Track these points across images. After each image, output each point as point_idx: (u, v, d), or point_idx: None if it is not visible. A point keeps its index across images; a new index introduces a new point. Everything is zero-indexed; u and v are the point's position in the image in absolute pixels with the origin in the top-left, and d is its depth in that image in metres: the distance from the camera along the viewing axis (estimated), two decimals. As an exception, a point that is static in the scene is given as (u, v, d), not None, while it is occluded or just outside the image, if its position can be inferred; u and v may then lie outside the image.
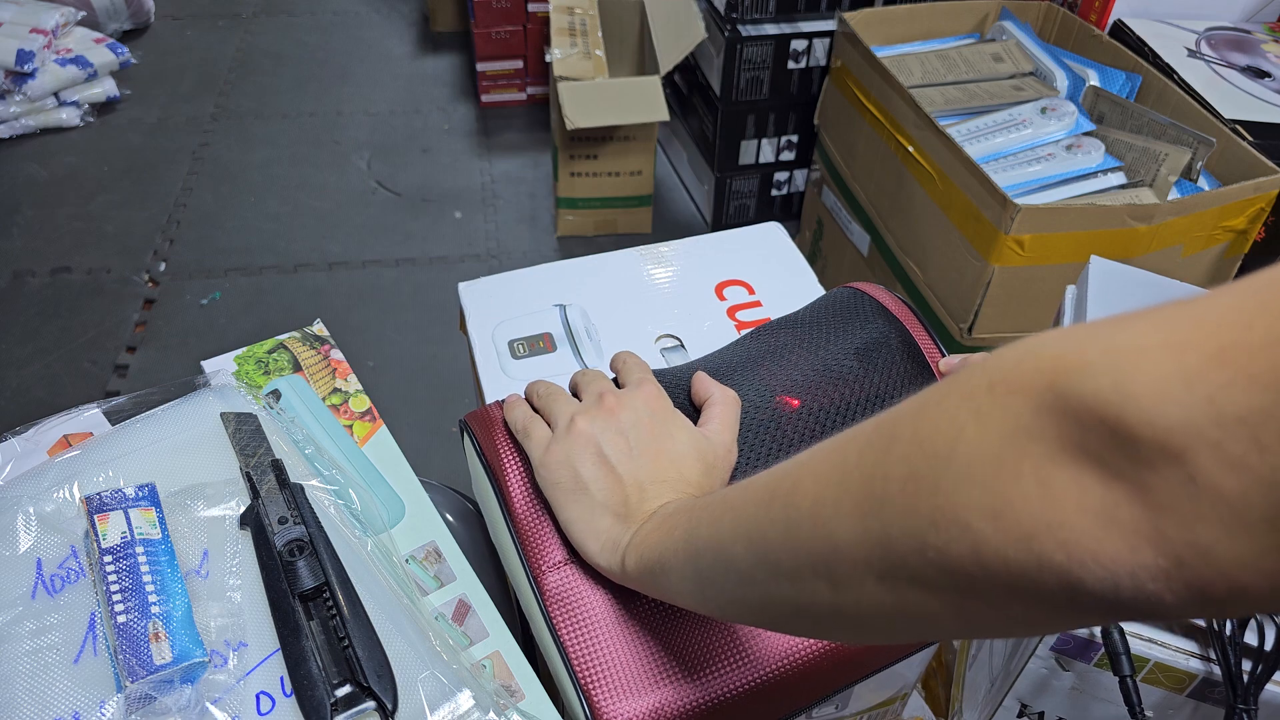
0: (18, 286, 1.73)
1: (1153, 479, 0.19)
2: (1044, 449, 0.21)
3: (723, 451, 0.45)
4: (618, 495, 0.41)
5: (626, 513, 0.41)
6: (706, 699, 0.41)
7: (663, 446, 0.43)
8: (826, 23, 1.64)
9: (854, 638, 0.36)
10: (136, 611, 0.40)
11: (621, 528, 0.41)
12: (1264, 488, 0.17)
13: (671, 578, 0.37)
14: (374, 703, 0.39)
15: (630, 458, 0.42)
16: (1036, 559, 0.21)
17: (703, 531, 0.35)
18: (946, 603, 0.24)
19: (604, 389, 0.46)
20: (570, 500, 0.43)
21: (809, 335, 0.54)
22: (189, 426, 0.49)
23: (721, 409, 0.46)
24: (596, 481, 0.42)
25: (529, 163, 2.13)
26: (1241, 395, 0.18)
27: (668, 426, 0.44)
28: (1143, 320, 0.20)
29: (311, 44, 2.54)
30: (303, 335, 0.57)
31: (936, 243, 1.23)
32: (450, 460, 1.39)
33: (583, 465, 0.43)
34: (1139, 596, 0.20)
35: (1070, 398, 0.20)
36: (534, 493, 0.46)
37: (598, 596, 0.43)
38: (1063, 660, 0.53)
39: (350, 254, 1.85)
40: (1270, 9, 1.47)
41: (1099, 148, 1.21)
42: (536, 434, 0.46)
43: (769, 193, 1.89)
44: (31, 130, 2.10)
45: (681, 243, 0.70)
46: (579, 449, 0.43)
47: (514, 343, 0.61)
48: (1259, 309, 0.18)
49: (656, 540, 0.38)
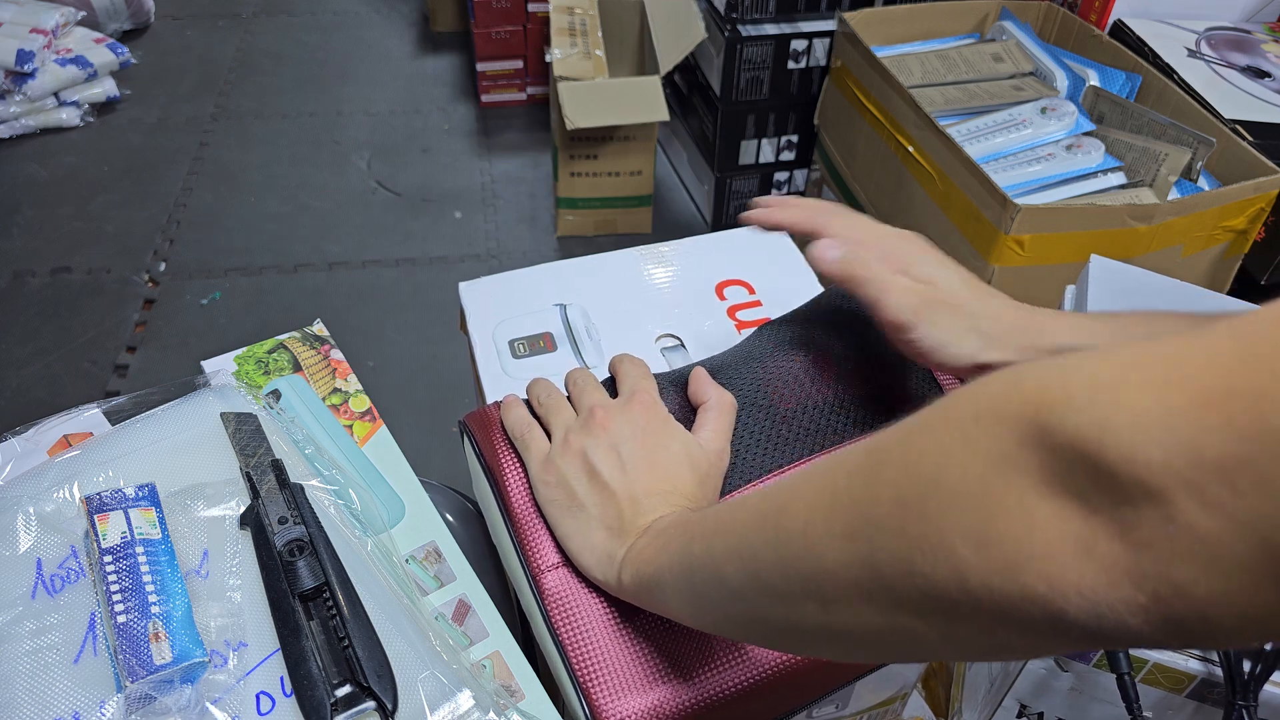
0: (18, 286, 1.73)
1: (1132, 516, 0.19)
2: (1028, 480, 0.21)
3: (715, 459, 0.45)
4: (611, 510, 0.42)
5: (621, 527, 0.41)
6: (705, 697, 0.41)
7: (656, 459, 0.43)
8: (826, 23, 1.64)
9: (844, 656, 0.36)
10: (136, 611, 0.40)
11: (616, 542, 0.41)
12: (1240, 530, 0.18)
13: (667, 593, 0.37)
14: (374, 703, 0.39)
15: (623, 472, 0.42)
16: (1020, 588, 0.21)
17: (696, 549, 0.35)
18: (934, 626, 0.25)
19: (595, 402, 0.46)
20: (565, 516, 0.43)
21: (806, 334, 0.54)
22: (189, 426, 0.49)
23: (715, 414, 0.47)
24: (590, 497, 0.42)
25: (529, 163, 2.13)
26: (1222, 441, 0.18)
27: (660, 438, 0.44)
28: (1127, 355, 0.20)
29: (311, 44, 2.54)
30: (303, 335, 0.57)
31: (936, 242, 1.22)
32: (450, 460, 1.39)
33: (576, 482, 0.43)
34: (1120, 628, 0.20)
35: (1053, 431, 0.21)
36: (532, 494, 0.46)
37: (596, 597, 0.43)
38: (1062, 661, 0.53)
39: (350, 254, 1.85)
40: (1270, 9, 1.47)
41: (1099, 148, 1.21)
42: (534, 447, 0.46)
43: (769, 193, 1.89)
44: (31, 130, 2.10)
45: (682, 242, 0.70)
46: (572, 466, 0.43)
47: (514, 342, 0.61)
48: (1246, 357, 0.18)
49: (651, 556, 0.38)
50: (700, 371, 0.49)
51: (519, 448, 0.47)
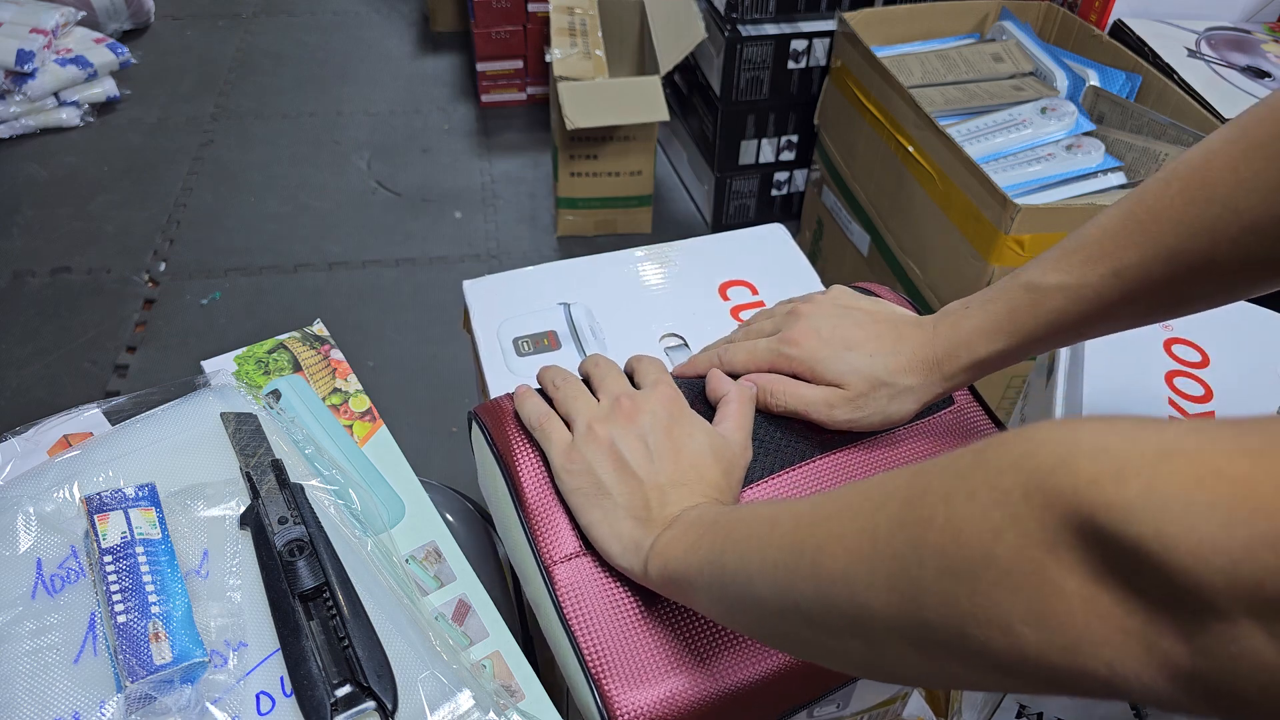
0: (18, 286, 1.73)
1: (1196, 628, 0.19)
2: (1086, 569, 0.21)
3: (739, 450, 0.45)
4: (638, 499, 0.42)
5: (648, 516, 0.41)
6: (717, 689, 0.41)
7: (681, 448, 0.43)
8: (826, 23, 1.64)
9: (886, 681, 0.36)
10: (136, 611, 0.40)
11: (643, 531, 0.41)
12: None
13: (698, 594, 0.37)
14: (374, 703, 0.39)
15: (649, 461, 0.43)
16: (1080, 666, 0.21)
17: (728, 562, 0.35)
18: (985, 675, 0.25)
19: (620, 391, 0.46)
20: (591, 505, 0.43)
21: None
22: (189, 426, 0.49)
23: (736, 406, 0.47)
24: (617, 486, 0.43)
25: (529, 163, 2.13)
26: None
27: (685, 428, 0.44)
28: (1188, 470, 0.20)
29: (311, 44, 2.54)
30: (303, 335, 0.57)
31: (936, 243, 1.23)
32: (450, 460, 1.40)
33: (603, 471, 0.43)
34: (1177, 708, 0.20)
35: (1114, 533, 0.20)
36: (546, 484, 0.46)
37: (609, 588, 0.43)
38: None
39: (350, 254, 1.85)
40: (1270, 9, 1.47)
41: (1099, 148, 1.21)
42: (555, 436, 0.46)
43: (769, 193, 1.89)
44: (31, 130, 2.10)
45: (684, 243, 0.70)
46: (598, 454, 0.43)
47: (518, 340, 0.61)
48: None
49: (681, 553, 0.38)
50: (715, 369, 0.50)
51: (538, 437, 0.47)
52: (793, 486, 0.48)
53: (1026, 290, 0.44)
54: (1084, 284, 0.42)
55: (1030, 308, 0.44)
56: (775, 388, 0.48)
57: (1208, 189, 0.38)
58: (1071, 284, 0.42)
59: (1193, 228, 0.38)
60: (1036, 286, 0.44)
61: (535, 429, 0.47)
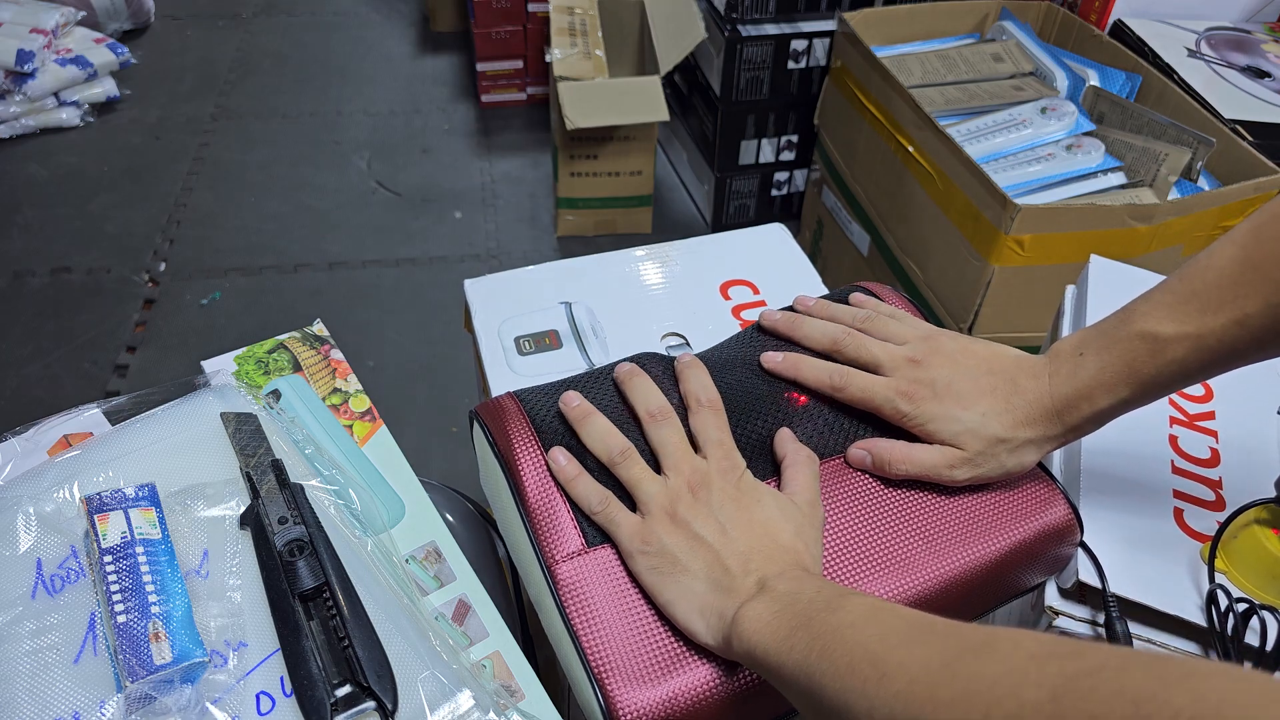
0: (18, 286, 1.73)
1: None
2: None
3: (808, 509, 0.45)
4: (717, 569, 0.42)
5: (730, 585, 0.41)
6: (720, 688, 0.41)
7: (753, 518, 0.43)
8: (826, 23, 1.64)
9: None
10: (136, 611, 0.40)
11: (726, 600, 0.41)
12: None
13: (788, 690, 0.36)
14: (374, 703, 0.39)
15: (725, 535, 0.43)
16: None
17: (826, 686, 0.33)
18: None
19: (686, 466, 0.45)
20: (669, 582, 0.42)
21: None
22: (189, 426, 0.49)
23: (795, 471, 0.47)
24: (695, 561, 0.42)
25: (529, 163, 2.13)
26: None
27: (751, 495, 0.45)
28: None
29: (311, 44, 2.54)
30: (303, 335, 0.57)
31: (936, 243, 1.23)
32: (450, 460, 1.40)
33: (679, 550, 0.43)
34: None
35: None
36: (547, 483, 0.46)
37: (611, 587, 0.43)
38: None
39: (350, 254, 1.85)
40: (1270, 9, 1.47)
41: (1099, 148, 1.21)
42: (622, 520, 0.45)
43: (769, 193, 1.89)
44: (31, 130, 2.10)
45: (686, 243, 0.70)
46: (674, 535, 0.43)
47: (520, 339, 0.61)
48: None
49: (771, 643, 0.37)
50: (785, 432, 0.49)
51: (603, 524, 0.45)
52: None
53: (1143, 340, 0.44)
54: (1206, 333, 0.42)
55: (1150, 358, 0.43)
56: (893, 458, 0.48)
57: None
58: (1192, 333, 0.42)
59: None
60: (1155, 336, 0.43)
61: (596, 513, 0.45)
